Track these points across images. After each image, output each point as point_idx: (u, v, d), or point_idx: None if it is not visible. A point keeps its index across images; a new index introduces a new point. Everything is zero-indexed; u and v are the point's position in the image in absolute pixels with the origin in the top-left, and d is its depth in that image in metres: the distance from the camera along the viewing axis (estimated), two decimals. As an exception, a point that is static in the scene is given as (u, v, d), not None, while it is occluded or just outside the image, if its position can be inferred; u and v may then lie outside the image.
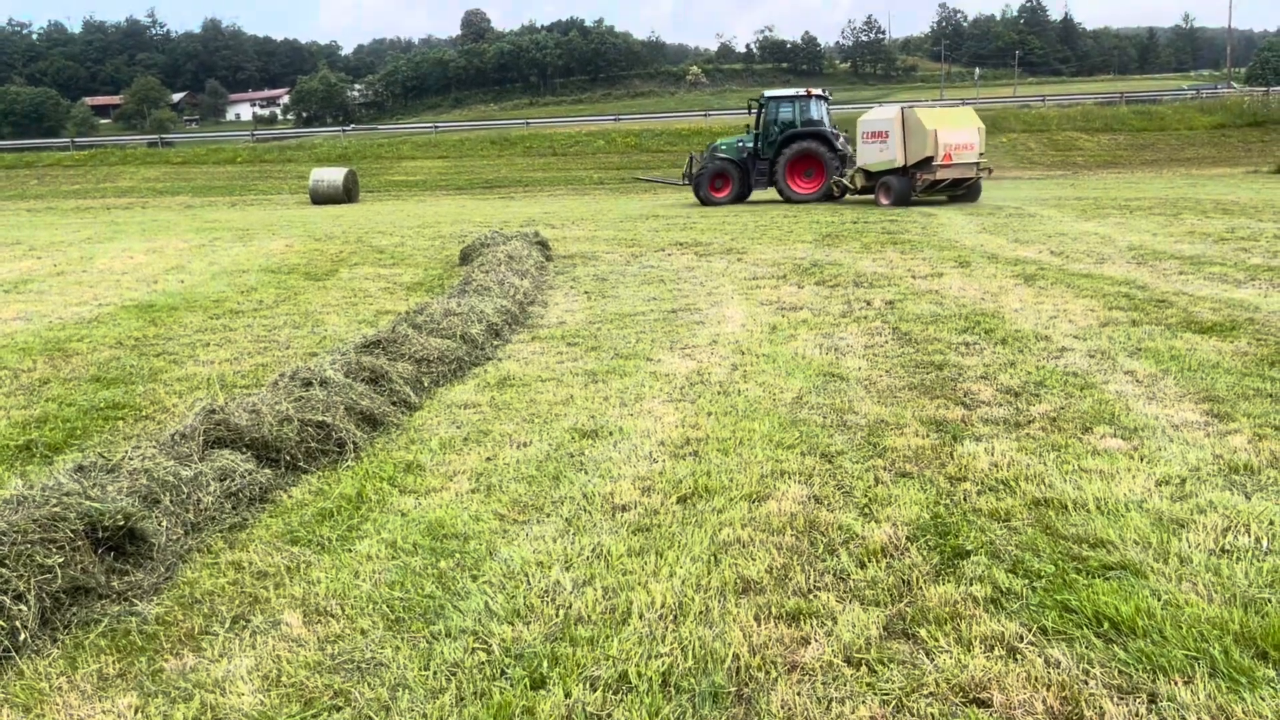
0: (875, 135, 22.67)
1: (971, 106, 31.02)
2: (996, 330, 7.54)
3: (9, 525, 3.37)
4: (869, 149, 22.94)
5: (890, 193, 22.13)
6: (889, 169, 22.30)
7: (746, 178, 24.97)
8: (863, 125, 23.39)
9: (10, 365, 7.41)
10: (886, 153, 22.43)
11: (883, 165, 22.53)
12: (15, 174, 47.39)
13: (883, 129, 22.57)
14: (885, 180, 22.33)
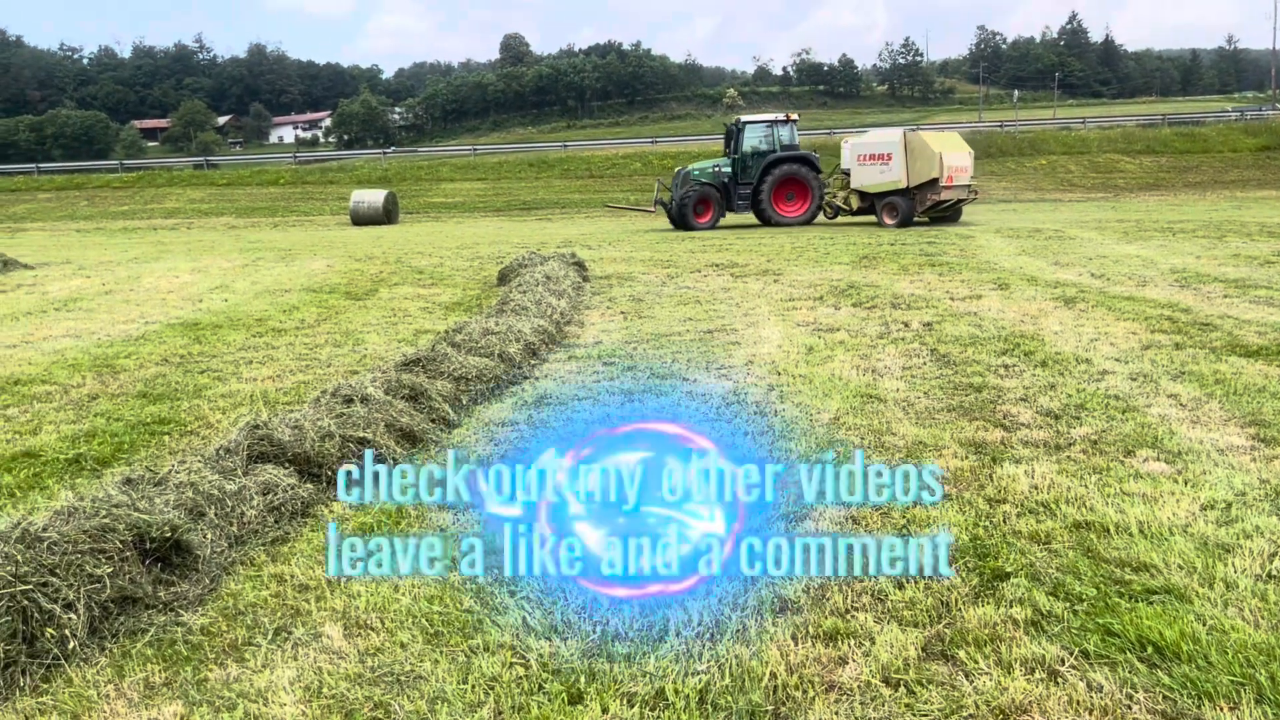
0: (875, 157, 23.38)
1: (957, 131, 31.72)
2: (1036, 352, 7.48)
3: (60, 535, 3.44)
4: (866, 171, 23.56)
5: (897, 213, 22.93)
6: (892, 190, 23.01)
7: (726, 202, 24.98)
8: (857, 148, 24.13)
9: (60, 381, 7.57)
10: (888, 174, 23.06)
11: (884, 186, 23.21)
12: (66, 195, 48.51)
13: (885, 151, 23.29)
14: (891, 201, 23.07)
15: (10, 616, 3.11)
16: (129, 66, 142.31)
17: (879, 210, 23.36)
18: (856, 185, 23.93)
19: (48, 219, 42.66)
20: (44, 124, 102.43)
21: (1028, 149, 46.37)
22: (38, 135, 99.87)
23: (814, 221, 24.80)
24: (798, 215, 24.75)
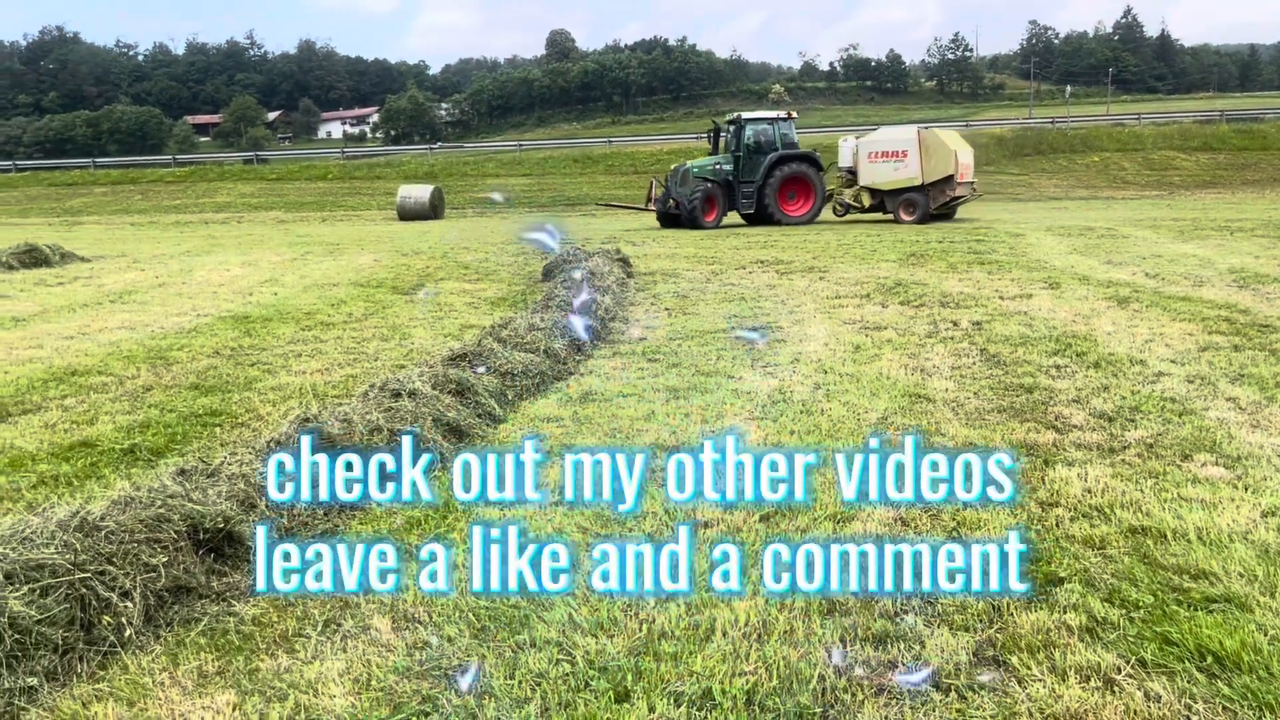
0: (888, 154, 23.66)
1: (956, 130, 31.92)
2: (1089, 353, 7.35)
3: (117, 525, 3.51)
4: (878, 168, 23.71)
5: (915, 209, 23.37)
6: (907, 187, 23.38)
7: (729, 201, 24.40)
8: (867, 145, 24.23)
9: (116, 372, 7.72)
10: (903, 171, 23.38)
11: (899, 184, 23.50)
12: (121, 189, 49.48)
13: (900, 148, 23.62)
14: (909, 198, 23.47)
15: (69, 604, 3.17)
16: (182, 63, 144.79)
17: (895, 207, 23.56)
18: (867, 183, 23.98)
19: (103, 212, 43.56)
20: (100, 119, 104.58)
21: (1079, 146, 45.63)
22: (94, 130, 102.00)
23: (815, 220, 24.60)
24: (802, 214, 24.43)
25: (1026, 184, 40.54)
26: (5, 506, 4.61)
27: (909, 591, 3.23)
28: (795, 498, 3.44)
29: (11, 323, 10.47)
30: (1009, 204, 33.64)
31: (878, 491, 3.41)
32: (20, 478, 5.06)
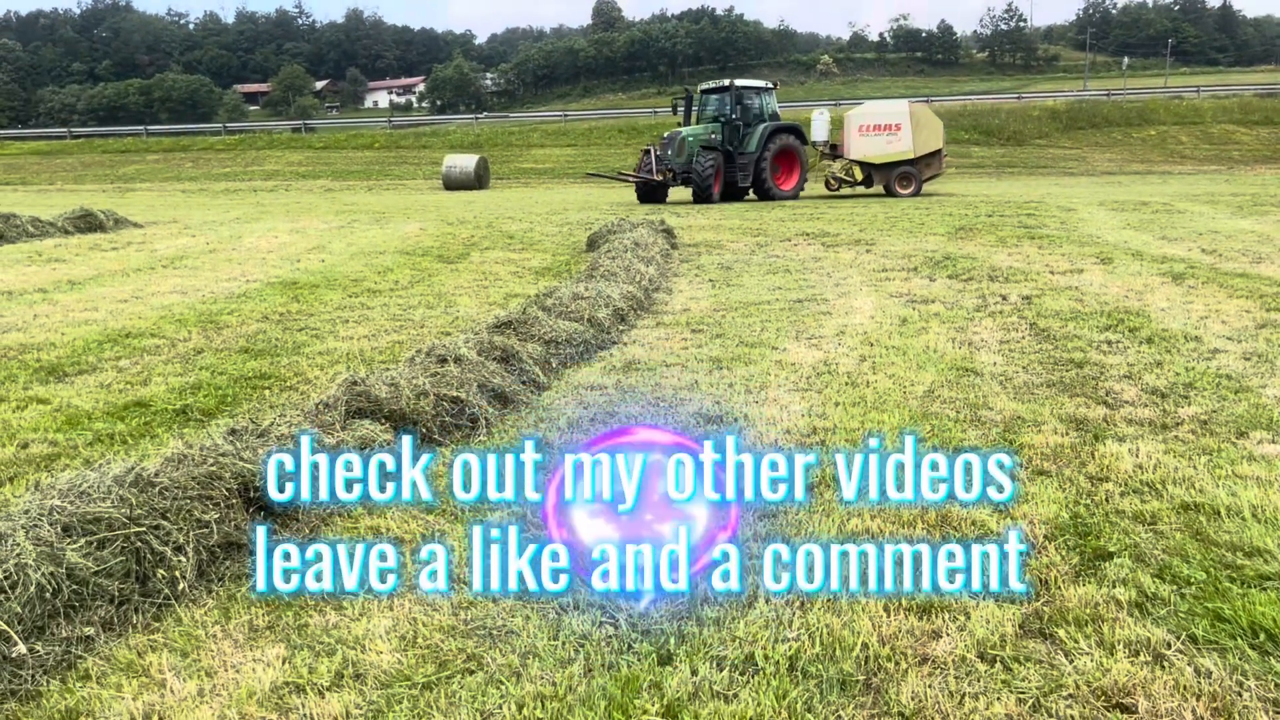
0: (880, 128, 23.77)
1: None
2: (1141, 329, 7.22)
3: (171, 481, 3.58)
4: (871, 141, 23.78)
5: (910, 182, 23.71)
6: (900, 160, 23.64)
7: (729, 173, 23.31)
8: (858, 118, 24.20)
9: (168, 335, 7.85)
10: (896, 145, 23.60)
11: (892, 157, 23.68)
12: (172, 157, 50.17)
13: (894, 121, 23.76)
14: (904, 171, 23.76)
15: (125, 556, 3.24)
16: (232, 31, 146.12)
17: (890, 181, 23.65)
18: (858, 156, 23.97)
19: (155, 179, 44.21)
20: (152, 87, 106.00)
21: (1135, 119, 44.60)
22: (146, 99, 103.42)
23: (800, 196, 24.11)
24: (790, 188, 23.89)
25: (1079, 158, 39.74)
26: (63, 462, 4.72)
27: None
28: (795, 499, 3.37)
29: (68, 286, 10.69)
30: (1060, 178, 33.03)
31: (878, 491, 3.30)
32: (77, 435, 5.18)
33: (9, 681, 2.80)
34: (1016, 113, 46.19)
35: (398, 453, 3.37)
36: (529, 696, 2.70)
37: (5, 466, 4.69)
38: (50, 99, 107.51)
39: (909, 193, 23.43)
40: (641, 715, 2.58)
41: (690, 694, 2.69)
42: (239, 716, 2.67)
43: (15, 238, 15.47)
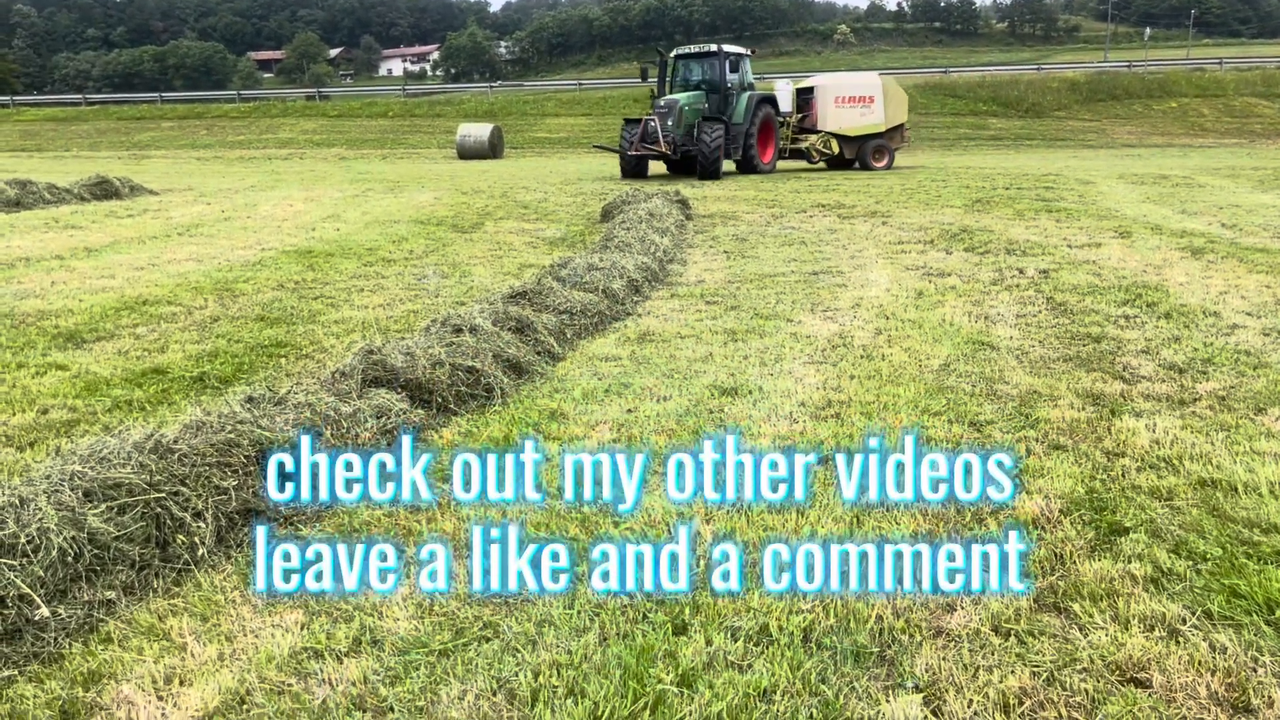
0: (855, 99, 23.41)
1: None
2: (1160, 304, 7.17)
3: (190, 448, 3.60)
4: (846, 113, 23.30)
5: (885, 155, 23.54)
6: (874, 133, 23.41)
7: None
8: (833, 90, 23.59)
9: (185, 302, 7.89)
10: (869, 116, 23.35)
11: (866, 129, 23.40)
12: (187, 124, 50.14)
13: (867, 93, 23.44)
14: (879, 144, 23.53)
15: (145, 522, 3.27)
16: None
17: (864, 154, 23.29)
18: (834, 128, 23.42)
19: (170, 147, 44.23)
20: (166, 54, 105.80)
21: (1156, 91, 44.07)
22: (161, 65, 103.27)
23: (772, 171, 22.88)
24: (769, 161, 22.71)
25: (1099, 130, 39.33)
26: (83, 428, 4.76)
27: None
28: (796, 498, 3.38)
29: (85, 253, 10.73)
30: (1079, 151, 32.71)
31: (878, 491, 3.30)
32: (96, 401, 5.22)
33: (32, 643, 2.83)
34: (1036, 84, 45.69)
35: (398, 453, 3.35)
36: (545, 664, 2.73)
37: (25, 432, 4.73)
38: (65, 65, 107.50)
39: (883, 165, 23.24)
40: (656, 684, 2.60)
41: (705, 664, 2.71)
42: (259, 680, 2.71)
43: (32, 204, 15.51)
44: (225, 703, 2.62)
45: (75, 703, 2.63)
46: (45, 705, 2.61)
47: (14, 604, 2.86)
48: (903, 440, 3.52)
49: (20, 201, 15.44)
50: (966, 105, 43.42)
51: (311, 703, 2.61)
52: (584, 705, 2.52)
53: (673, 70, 22.10)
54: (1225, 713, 2.46)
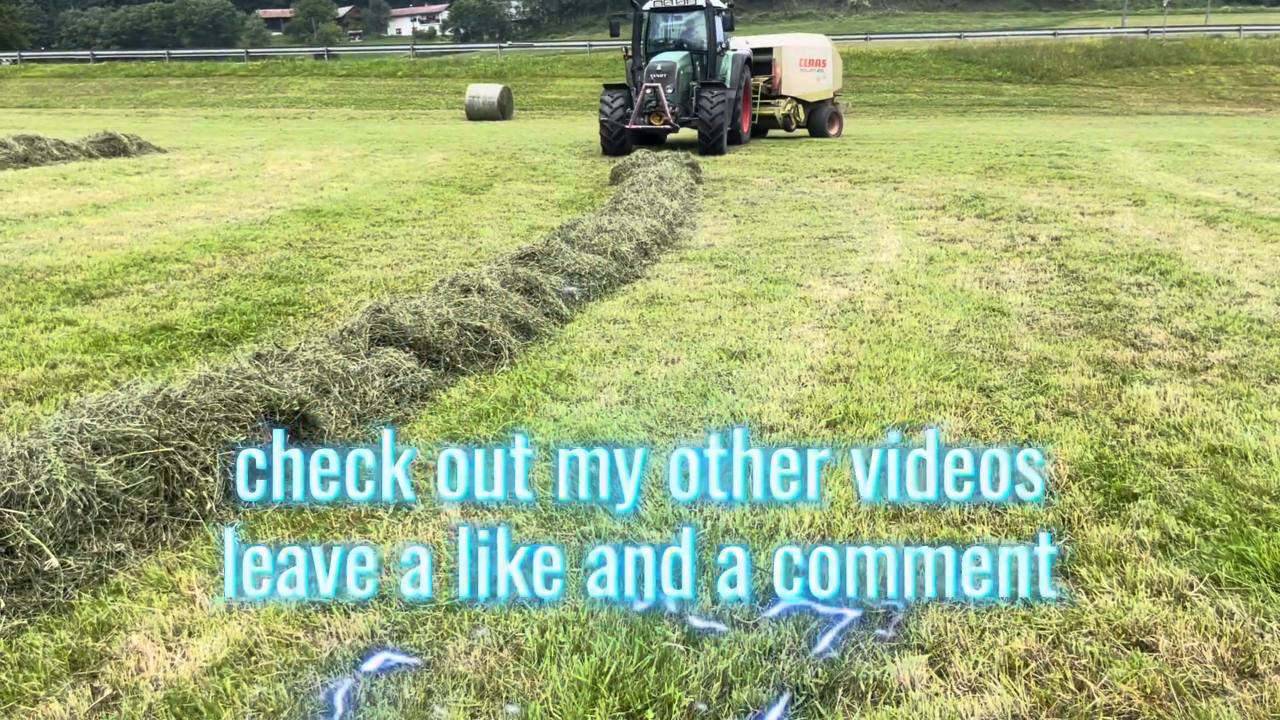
0: (813, 63, 21.84)
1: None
2: (1173, 272, 7.11)
3: (198, 403, 3.61)
4: (806, 77, 21.57)
5: (836, 122, 22.16)
6: (825, 99, 22.03)
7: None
8: (796, 52, 21.64)
9: (193, 260, 7.88)
10: (823, 82, 22.02)
11: (821, 94, 21.98)
12: (195, 82, 49.86)
13: (821, 56, 22.06)
14: (833, 110, 22.21)
15: (153, 475, 3.28)
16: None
17: (821, 120, 21.65)
18: (797, 93, 21.31)
19: (177, 104, 44.02)
20: (174, 10, 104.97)
21: (1174, 58, 43.50)
22: (168, 22, 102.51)
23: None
24: (748, 130, 20.07)
25: (1114, 97, 38.91)
26: (91, 383, 4.77)
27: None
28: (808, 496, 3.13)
29: (93, 209, 10.71)
30: (1094, 118, 32.40)
31: (897, 490, 3.01)
32: (105, 357, 5.23)
33: (42, 594, 2.85)
34: (1051, 50, 45.13)
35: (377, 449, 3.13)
36: (551, 620, 2.74)
37: (34, 386, 4.74)
38: (73, 21, 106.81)
39: (835, 133, 21.88)
40: (663, 641, 2.61)
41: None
42: (266, 633, 2.72)
43: (40, 160, 15.47)
44: (233, 654, 2.64)
45: (85, 652, 2.65)
46: (55, 654, 2.64)
47: (23, 554, 2.87)
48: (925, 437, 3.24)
49: (28, 158, 15.40)
50: (980, 71, 42.96)
51: (319, 656, 2.63)
52: (590, 661, 2.53)
53: (647, 26, 18.44)
54: (1231, 677, 2.46)
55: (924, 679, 2.48)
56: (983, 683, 2.46)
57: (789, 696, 2.43)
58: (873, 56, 42.07)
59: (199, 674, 2.55)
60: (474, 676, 2.52)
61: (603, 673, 2.49)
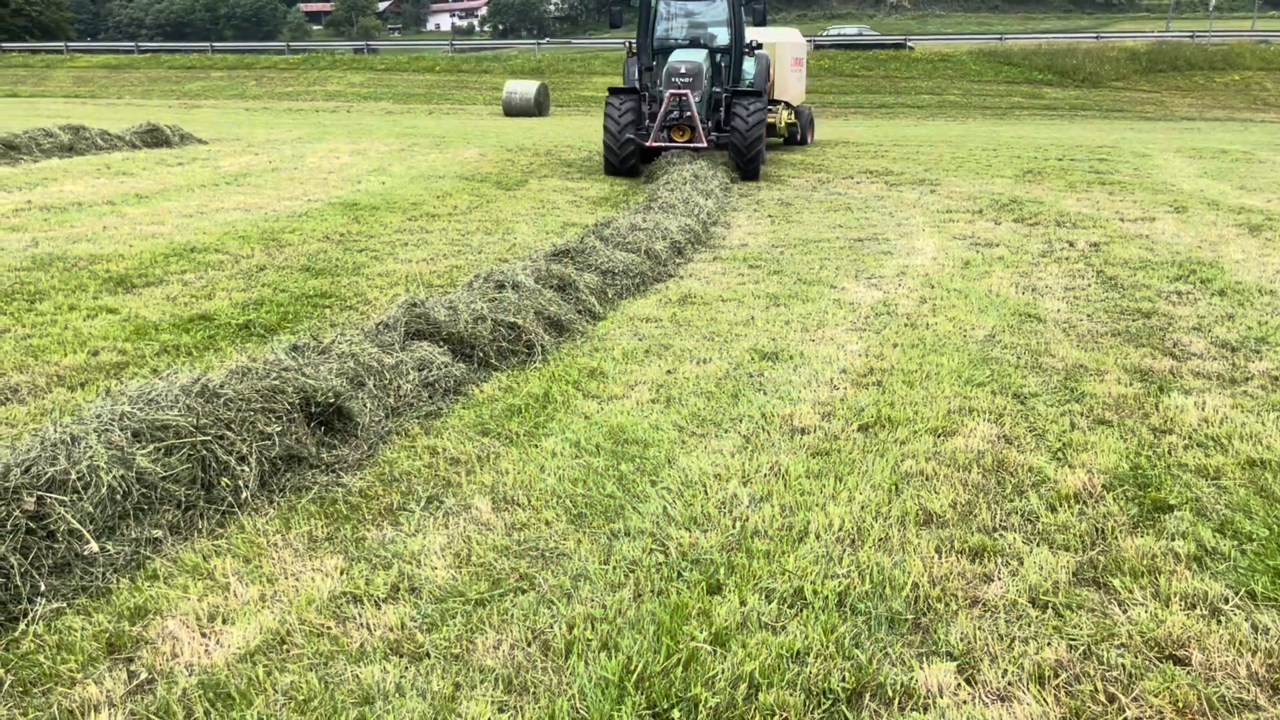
0: (797, 62, 18.98)
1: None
2: (1214, 280, 7.01)
3: (235, 393, 3.65)
4: (793, 78, 18.45)
5: (812, 128, 19.51)
6: (800, 103, 19.36)
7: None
8: (790, 50, 18.27)
9: (232, 251, 7.97)
10: (802, 83, 19.70)
11: (800, 98, 19.46)
12: (236, 75, 50.36)
13: (800, 55, 19.34)
14: (809, 115, 19.41)
15: (191, 463, 3.33)
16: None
17: (802, 127, 18.57)
18: (791, 98, 18.12)
19: (219, 97, 44.49)
20: (217, 3, 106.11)
21: (1219, 63, 42.79)
22: (212, 15, 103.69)
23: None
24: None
25: (1157, 102, 38.35)
26: (131, 371, 4.85)
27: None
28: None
29: (135, 199, 10.86)
30: (1136, 122, 31.96)
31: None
32: (145, 345, 5.31)
33: (81, 577, 2.91)
34: (1094, 53, 44.54)
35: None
36: (579, 618, 2.75)
37: (77, 373, 4.83)
38: (119, 12, 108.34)
39: (812, 140, 19.37)
40: (690, 642, 2.62)
41: (739, 623, 2.72)
42: (299, 622, 2.76)
43: (85, 150, 15.71)
44: (266, 642, 2.67)
45: (121, 636, 2.70)
46: (92, 637, 2.68)
47: (64, 539, 2.93)
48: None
49: (74, 147, 15.64)
50: (1021, 73, 42.49)
51: (349, 646, 2.66)
52: (617, 659, 2.54)
53: (654, 15, 14.75)
54: (1265, 693, 2.43)
55: (952, 686, 2.47)
56: (1012, 692, 2.45)
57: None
58: (912, 58, 41.70)
59: (232, 660, 2.59)
60: (502, 671, 2.53)
61: (630, 671, 2.50)
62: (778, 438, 4.10)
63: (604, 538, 3.23)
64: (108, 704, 2.42)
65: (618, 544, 3.18)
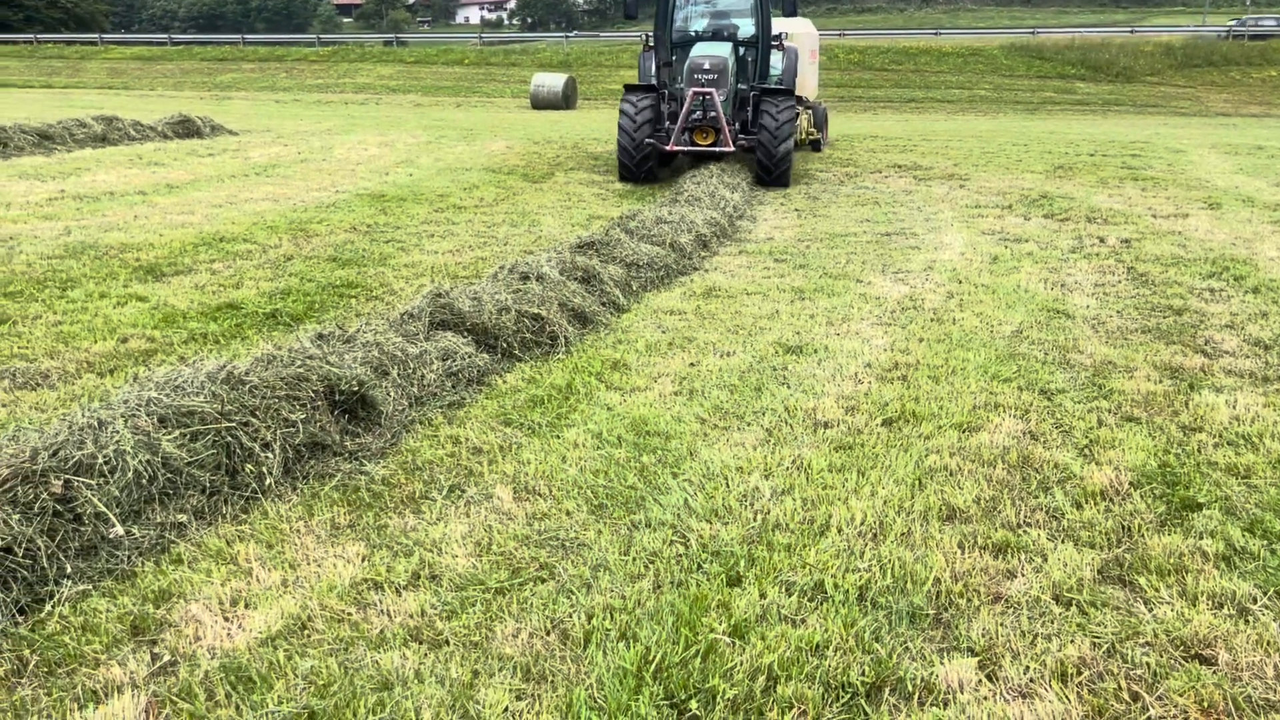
0: (813, 54, 17.57)
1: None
2: (1248, 278, 6.90)
3: (260, 381, 3.68)
4: (811, 72, 16.86)
5: (827, 126, 18.07)
6: (815, 100, 17.63)
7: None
8: (808, 41, 16.90)
9: (260, 241, 8.03)
10: (816, 77, 18.13)
11: (815, 94, 17.73)
12: (267, 67, 50.73)
13: (815, 47, 17.88)
14: (825, 112, 18.05)
15: (216, 450, 3.36)
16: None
17: (819, 125, 17.02)
18: (808, 94, 16.30)
19: (250, 89, 44.84)
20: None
21: (1256, 58, 42.15)
22: (244, 7, 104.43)
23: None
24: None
25: (1193, 97, 37.83)
26: (159, 358, 4.89)
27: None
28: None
29: (166, 189, 10.97)
30: (1170, 118, 31.55)
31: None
32: (173, 333, 5.36)
33: (107, 560, 2.94)
34: (1128, 47, 43.99)
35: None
36: (598, 608, 2.75)
37: (105, 359, 4.88)
38: (153, 4, 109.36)
39: (827, 142, 17.80)
40: (709, 633, 2.61)
41: (758, 616, 2.71)
42: (320, 608, 2.77)
43: (117, 140, 15.88)
44: (287, 627, 2.69)
45: (146, 618, 2.72)
46: (117, 619, 2.71)
47: (90, 521, 2.96)
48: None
49: (106, 137, 15.82)
50: (1053, 68, 42.04)
51: (370, 632, 2.67)
52: (636, 649, 2.54)
53: (673, 6, 13.41)
54: (1293, 695, 2.39)
55: (973, 682, 2.45)
56: (1033, 689, 2.42)
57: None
58: (943, 52, 41.38)
59: (254, 644, 2.61)
60: (520, 659, 2.54)
61: (648, 661, 2.49)
62: (800, 431, 4.08)
63: (624, 528, 3.23)
64: (131, 685, 2.44)
65: (638, 535, 3.18)
